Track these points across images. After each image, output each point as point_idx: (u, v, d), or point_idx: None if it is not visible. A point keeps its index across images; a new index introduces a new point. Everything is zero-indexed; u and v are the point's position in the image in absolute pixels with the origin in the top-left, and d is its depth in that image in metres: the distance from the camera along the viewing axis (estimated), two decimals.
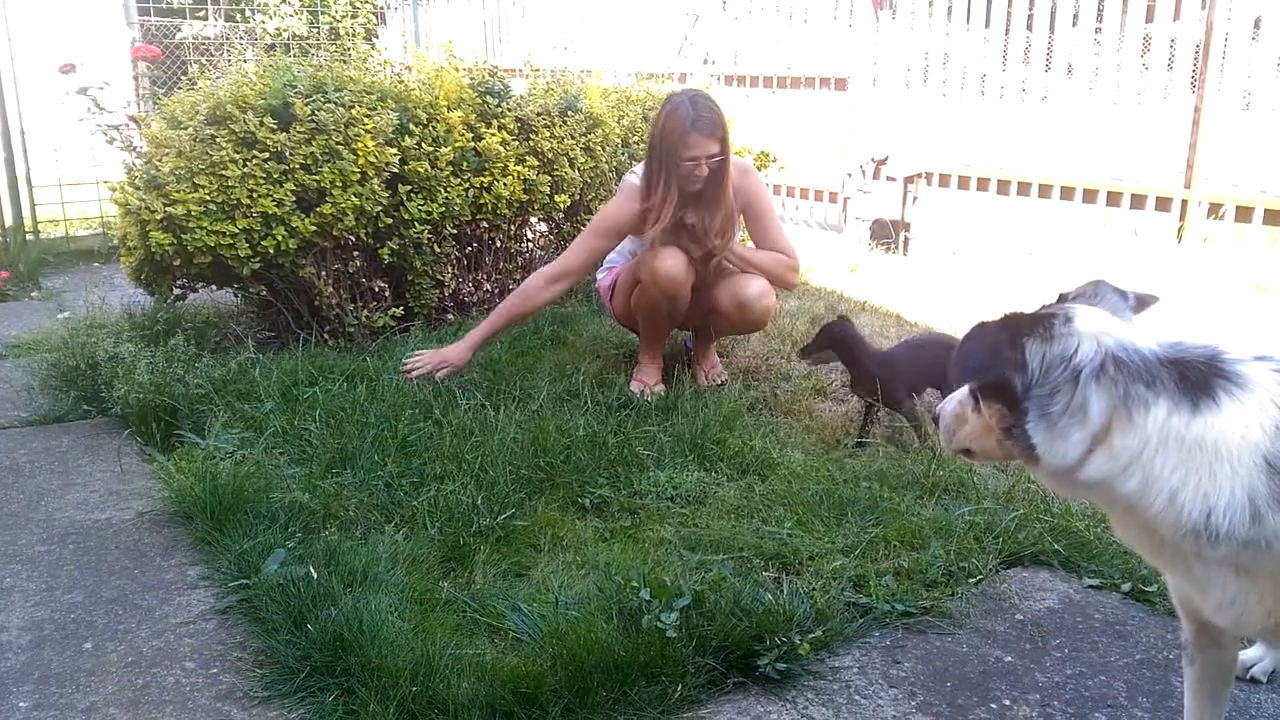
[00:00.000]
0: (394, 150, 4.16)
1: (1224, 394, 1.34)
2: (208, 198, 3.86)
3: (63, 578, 2.57)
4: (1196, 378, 1.36)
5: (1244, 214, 5.63)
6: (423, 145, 4.26)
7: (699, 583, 2.33)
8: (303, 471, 3.00)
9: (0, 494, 3.08)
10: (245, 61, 5.78)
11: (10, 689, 2.11)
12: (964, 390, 1.60)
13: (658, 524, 2.78)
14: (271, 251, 3.98)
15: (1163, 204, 5.94)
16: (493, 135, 4.44)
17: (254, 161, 3.93)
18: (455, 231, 4.46)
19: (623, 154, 5.00)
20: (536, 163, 4.59)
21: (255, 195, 3.91)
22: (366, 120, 4.11)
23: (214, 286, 4.46)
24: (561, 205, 4.75)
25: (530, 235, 4.99)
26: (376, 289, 4.34)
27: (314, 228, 4.03)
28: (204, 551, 2.67)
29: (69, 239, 6.71)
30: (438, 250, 4.40)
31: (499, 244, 4.77)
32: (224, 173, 3.87)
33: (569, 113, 4.81)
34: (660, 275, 3.61)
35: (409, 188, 4.23)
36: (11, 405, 3.85)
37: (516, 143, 4.56)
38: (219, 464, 2.95)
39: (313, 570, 2.39)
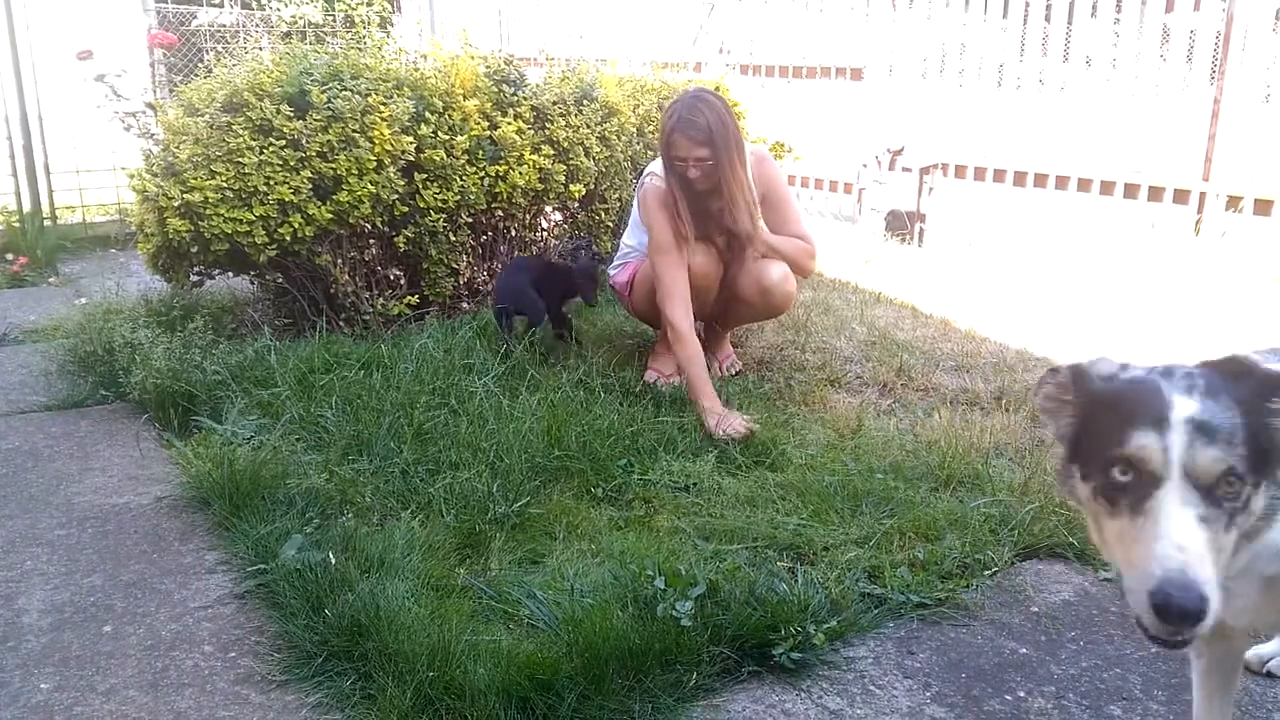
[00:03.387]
0: (410, 138, 4.16)
1: None
2: (225, 185, 3.87)
3: (82, 561, 2.59)
4: None
5: (1263, 207, 5.59)
6: (438, 133, 4.26)
7: (714, 572, 2.33)
8: (319, 458, 3.02)
9: (20, 478, 3.11)
10: (261, 49, 5.79)
11: (32, 671, 2.14)
12: None
13: (672, 513, 2.78)
14: (288, 239, 4.00)
15: (1180, 196, 5.90)
16: (508, 124, 4.44)
17: (271, 149, 3.94)
18: (470, 220, 4.46)
19: (638, 143, 4.99)
20: (552, 152, 4.59)
21: (272, 183, 3.92)
22: (382, 108, 4.11)
23: (230, 273, 4.48)
24: (576, 194, 4.74)
25: (545, 224, 5.00)
26: (392, 277, 4.35)
27: (330, 215, 4.04)
28: (222, 536, 2.69)
29: (86, 225, 6.75)
30: (453, 239, 4.40)
31: (514, 233, 4.78)
32: (241, 160, 3.89)
33: (584, 102, 4.80)
34: (694, 272, 3.62)
35: (425, 176, 4.24)
36: (30, 390, 3.88)
37: (532, 131, 4.55)
38: (236, 450, 2.97)
39: (330, 556, 2.41)
